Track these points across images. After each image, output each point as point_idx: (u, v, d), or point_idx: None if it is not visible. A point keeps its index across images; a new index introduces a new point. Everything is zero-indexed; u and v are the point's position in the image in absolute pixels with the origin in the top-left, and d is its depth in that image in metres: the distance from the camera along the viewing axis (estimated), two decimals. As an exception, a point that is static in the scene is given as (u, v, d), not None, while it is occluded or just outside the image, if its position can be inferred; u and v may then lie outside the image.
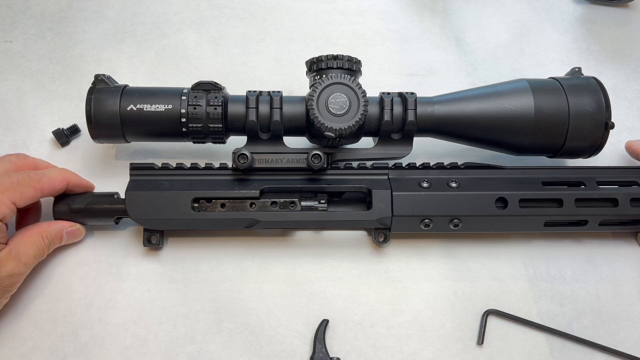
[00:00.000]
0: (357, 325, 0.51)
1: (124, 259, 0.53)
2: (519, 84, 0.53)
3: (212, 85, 0.51)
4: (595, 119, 0.51)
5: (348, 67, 0.51)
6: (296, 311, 0.51)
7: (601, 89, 0.52)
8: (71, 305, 0.51)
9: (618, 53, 0.68)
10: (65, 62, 0.63)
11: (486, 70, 0.66)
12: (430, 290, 0.53)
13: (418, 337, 0.51)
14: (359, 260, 0.54)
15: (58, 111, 0.60)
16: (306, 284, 0.53)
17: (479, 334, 0.51)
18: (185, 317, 0.51)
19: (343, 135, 0.50)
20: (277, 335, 0.50)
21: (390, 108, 0.51)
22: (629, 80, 0.66)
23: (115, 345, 0.49)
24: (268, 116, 0.51)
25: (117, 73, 0.57)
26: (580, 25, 0.70)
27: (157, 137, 0.53)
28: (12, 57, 0.63)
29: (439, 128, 0.53)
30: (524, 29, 0.69)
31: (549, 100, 0.51)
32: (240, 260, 0.54)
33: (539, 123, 0.51)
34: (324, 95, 0.50)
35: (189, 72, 0.63)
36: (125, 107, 0.50)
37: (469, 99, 0.52)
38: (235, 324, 0.51)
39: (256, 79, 0.63)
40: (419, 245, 0.55)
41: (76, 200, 0.51)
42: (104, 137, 0.52)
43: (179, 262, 0.53)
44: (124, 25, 0.65)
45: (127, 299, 0.51)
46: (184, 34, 0.66)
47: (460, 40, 0.67)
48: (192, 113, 0.50)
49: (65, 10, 0.66)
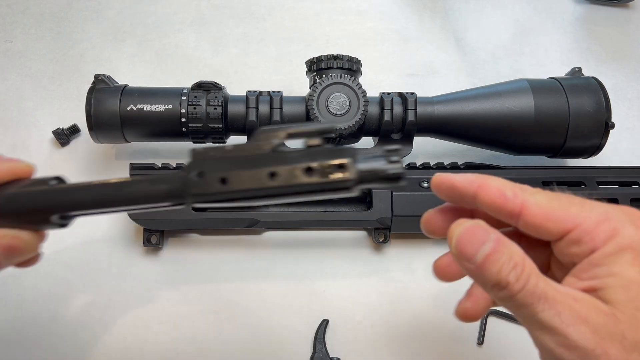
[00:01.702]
0: (357, 325, 0.51)
1: (123, 258, 0.53)
2: (519, 84, 0.53)
3: (212, 85, 0.51)
4: (596, 119, 0.51)
5: (348, 67, 0.51)
6: (296, 311, 0.51)
7: (601, 89, 0.52)
8: (71, 305, 0.51)
9: (618, 53, 0.68)
10: (65, 62, 0.63)
11: (486, 70, 0.65)
12: (430, 290, 0.53)
13: (418, 338, 0.51)
14: (359, 261, 0.54)
15: (58, 111, 0.60)
16: (306, 284, 0.53)
17: (479, 335, 0.51)
18: (185, 317, 0.51)
19: (343, 135, 0.50)
20: (277, 336, 0.50)
21: (391, 108, 0.51)
22: (629, 80, 0.66)
23: (115, 346, 0.49)
24: (268, 116, 0.51)
25: (117, 73, 0.57)
26: (581, 25, 0.70)
27: (157, 137, 0.53)
28: (12, 57, 0.63)
29: (439, 128, 0.53)
30: (524, 29, 0.69)
31: (549, 100, 0.51)
32: (240, 261, 0.53)
33: (539, 123, 0.51)
34: (324, 95, 0.50)
35: (189, 72, 0.63)
36: (125, 107, 0.50)
37: (469, 99, 0.52)
38: (235, 324, 0.51)
39: (256, 79, 0.63)
40: (420, 246, 0.55)
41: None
42: (104, 137, 0.52)
43: (179, 262, 0.53)
44: (124, 25, 0.65)
45: (127, 299, 0.51)
46: (184, 34, 0.66)
47: (461, 40, 0.67)
48: (192, 113, 0.50)
49: (65, 10, 0.66)
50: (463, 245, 0.28)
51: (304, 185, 0.29)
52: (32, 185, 0.33)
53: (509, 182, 0.30)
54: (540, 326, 0.27)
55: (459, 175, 0.31)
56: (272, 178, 0.29)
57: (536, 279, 0.27)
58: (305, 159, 0.29)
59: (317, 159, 0.29)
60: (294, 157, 0.29)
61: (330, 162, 0.28)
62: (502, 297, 0.27)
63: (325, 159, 0.29)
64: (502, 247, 0.27)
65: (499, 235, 0.28)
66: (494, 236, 0.28)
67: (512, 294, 0.27)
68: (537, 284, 0.27)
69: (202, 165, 0.29)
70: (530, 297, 0.26)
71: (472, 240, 0.28)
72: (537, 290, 0.26)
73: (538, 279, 0.27)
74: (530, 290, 0.26)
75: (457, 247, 0.28)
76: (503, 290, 0.27)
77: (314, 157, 0.29)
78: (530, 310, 0.26)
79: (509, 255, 0.27)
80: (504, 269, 0.27)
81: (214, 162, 0.30)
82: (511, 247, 0.28)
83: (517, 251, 0.28)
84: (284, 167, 0.29)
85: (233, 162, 0.29)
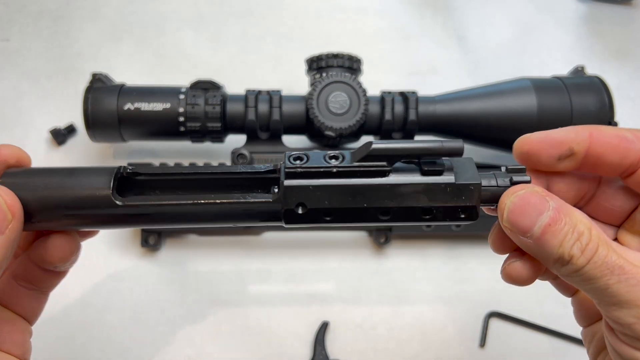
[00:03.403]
0: (357, 327, 0.51)
1: (121, 259, 0.53)
2: (521, 83, 0.52)
3: (211, 84, 0.51)
4: (599, 118, 0.51)
5: (348, 65, 0.51)
6: (296, 313, 0.51)
7: (604, 88, 0.52)
8: (68, 307, 0.50)
9: (621, 52, 0.67)
10: (62, 60, 0.62)
11: (488, 69, 0.65)
12: (431, 291, 0.52)
13: (419, 340, 0.50)
14: (360, 261, 0.54)
15: (55, 110, 0.59)
16: (306, 285, 0.52)
17: (481, 336, 0.51)
18: (184, 319, 0.50)
19: (343, 134, 0.49)
20: (277, 338, 0.50)
21: (392, 107, 0.51)
22: (632, 79, 0.66)
23: (113, 347, 0.49)
24: (267, 115, 0.50)
25: (115, 72, 0.57)
26: (584, 23, 0.69)
27: (155, 137, 0.52)
28: (9, 56, 0.62)
29: (440, 127, 0.52)
30: (527, 27, 0.68)
31: (551, 99, 0.51)
32: (239, 262, 0.53)
33: (541, 122, 0.51)
34: (324, 94, 0.49)
35: (187, 70, 0.62)
36: (122, 106, 0.49)
37: (471, 97, 0.52)
38: (234, 326, 0.50)
39: (255, 77, 0.63)
40: (420, 246, 0.54)
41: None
42: (101, 136, 0.51)
43: (177, 263, 0.53)
44: (122, 24, 0.65)
45: (124, 300, 0.51)
46: (182, 32, 0.65)
47: (462, 38, 0.67)
48: (191, 112, 0.49)
49: (63, 8, 0.65)
50: (516, 216, 0.25)
51: (420, 221, 0.27)
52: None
53: (615, 127, 0.27)
54: (614, 300, 0.24)
55: (548, 131, 0.28)
56: (384, 215, 0.27)
57: (606, 249, 0.24)
58: (425, 196, 0.26)
59: (438, 198, 0.26)
60: (409, 194, 0.27)
61: (454, 204, 0.26)
62: (567, 272, 0.25)
63: (449, 199, 0.26)
64: (563, 215, 0.24)
65: (558, 202, 0.25)
66: (554, 204, 0.25)
67: (577, 268, 0.24)
68: (607, 255, 0.24)
69: (302, 195, 0.27)
70: (600, 270, 0.24)
71: (528, 210, 0.25)
72: (608, 262, 0.24)
73: (608, 249, 0.24)
74: (599, 263, 0.24)
75: (510, 219, 0.25)
76: (567, 265, 0.24)
77: (434, 194, 0.26)
78: (601, 283, 0.24)
79: (572, 224, 0.24)
80: (567, 240, 0.24)
81: (315, 193, 0.27)
82: (574, 214, 0.25)
83: (581, 219, 0.25)
84: (399, 207, 0.27)
85: (335, 192, 0.27)
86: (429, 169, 0.27)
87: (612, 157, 0.27)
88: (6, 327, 0.31)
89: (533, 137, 0.28)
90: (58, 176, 0.29)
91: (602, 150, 0.27)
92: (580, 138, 0.27)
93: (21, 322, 0.33)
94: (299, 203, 0.27)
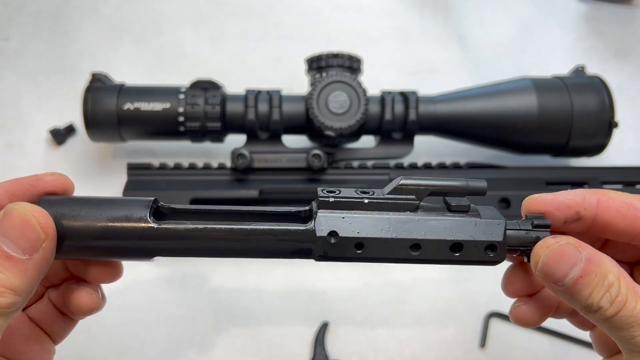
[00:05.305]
0: (357, 327, 0.51)
1: (121, 260, 0.52)
2: (522, 83, 0.52)
3: (211, 84, 0.50)
4: (599, 118, 0.51)
5: (349, 65, 0.51)
6: (296, 313, 0.51)
7: (605, 88, 0.52)
8: (67, 307, 0.50)
9: (622, 51, 0.67)
10: (61, 60, 0.62)
11: (489, 69, 0.65)
12: (432, 292, 0.52)
13: (420, 340, 0.50)
14: (360, 262, 0.53)
15: (54, 110, 0.59)
16: (306, 285, 0.52)
17: (481, 337, 0.50)
18: (184, 319, 0.50)
19: (343, 134, 0.49)
20: (277, 338, 0.50)
21: (392, 107, 0.51)
22: (633, 78, 0.65)
23: (113, 347, 0.49)
24: (267, 115, 0.50)
25: (114, 71, 0.56)
26: (584, 23, 0.69)
27: (154, 137, 0.52)
28: (9, 56, 0.62)
29: (441, 127, 0.52)
30: (527, 26, 0.68)
31: (552, 99, 0.51)
32: (239, 262, 0.53)
33: (542, 122, 0.50)
34: (324, 93, 0.49)
35: (187, 70, 0.62)
36: (122, 105, 0.49)
37: (471, 97, 0.52)
38: (234, 327, 0.50)
39: (255, 77, 0.63)
40: (421, 246, 0.54)
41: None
42: (101, 136, 0.51)
43: (177, 263, 0.53)
44: (121, 23, 0.65)
45: (124, 300, 0.51)
46: (182, 31, 0.65)
47: (463, 38, 0.67)
48: (190, 112, 0.49)
49: (62, 8, 0.65)
50: (549, 268, 0.26)
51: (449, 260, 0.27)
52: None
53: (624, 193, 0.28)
54: (638, 349, 0.24)
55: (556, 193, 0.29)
56: (414, 250, 0.27)
57: (634, 301, 0.24)
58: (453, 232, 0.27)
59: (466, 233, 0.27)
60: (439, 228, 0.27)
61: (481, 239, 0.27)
62: (594, 319, 0.25)
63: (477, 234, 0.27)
64: (594, 266, 0.25)
65: (590, 252, 0.25)
66: (586, 254, 0.25)
67: (605, 318, 0.25)
68: (635, 308, 0.24)
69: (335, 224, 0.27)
70: (627, 322, 0.24)
71: (562, 261, 0.25)
72: (636, 315, 0.24)
73: (637, 301, 0.24)
74: (627, 315, 0.24)
75: (543, 270, 0.26)
76: (595, 313, 0.25)
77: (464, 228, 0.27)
78: (626, 333, 0.24)
79: (602, 275, 0.25)
80: (596, 292, 0.25)
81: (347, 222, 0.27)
82: (605, 264, 0.25)
83: (611, 268, 0.25)
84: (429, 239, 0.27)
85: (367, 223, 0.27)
86: (457, 204, 0.28)
87: (621, 225, 0.27)
88: (35, 346, 0.32)
89: (540, 198, 0.29)
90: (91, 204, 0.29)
91: (609, 217, 0.27)
92: (588, 203, 0.28)
93: (48, 343, 0.33)
94: (332, 232, 0.27)
